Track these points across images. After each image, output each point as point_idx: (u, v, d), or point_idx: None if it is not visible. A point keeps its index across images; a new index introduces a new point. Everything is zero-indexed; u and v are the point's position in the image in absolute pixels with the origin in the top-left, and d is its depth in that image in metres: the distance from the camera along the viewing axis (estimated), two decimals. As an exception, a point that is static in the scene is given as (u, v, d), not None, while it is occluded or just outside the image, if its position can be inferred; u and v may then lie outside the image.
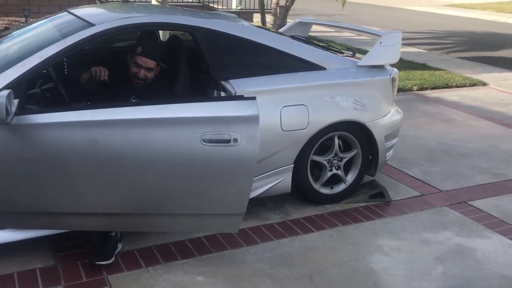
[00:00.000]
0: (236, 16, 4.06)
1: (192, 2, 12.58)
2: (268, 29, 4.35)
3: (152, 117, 2.57)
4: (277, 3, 10.96)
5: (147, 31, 3.46)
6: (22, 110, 2.53)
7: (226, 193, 2.71)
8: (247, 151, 2.61)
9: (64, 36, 2.82)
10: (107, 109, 2.60)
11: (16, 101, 2.48)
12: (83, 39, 2.78)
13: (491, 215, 3.56)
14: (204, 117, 2.62)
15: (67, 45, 2.73)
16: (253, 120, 2.62)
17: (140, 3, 10.48)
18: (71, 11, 3.35)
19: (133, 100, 3.15)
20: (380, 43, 3.68)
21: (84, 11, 3.32)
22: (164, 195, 2.68)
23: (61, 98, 3.15)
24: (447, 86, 7.41)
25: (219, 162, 2.61)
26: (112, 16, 3.20)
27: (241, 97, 2.74)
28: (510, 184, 4.11)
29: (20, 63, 2.62)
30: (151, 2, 8.09)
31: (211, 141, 2.57)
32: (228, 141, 2.59)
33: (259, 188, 3.32)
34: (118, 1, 10.66)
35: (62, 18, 3.30)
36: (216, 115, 2.63)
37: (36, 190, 2.59)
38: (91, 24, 2.88)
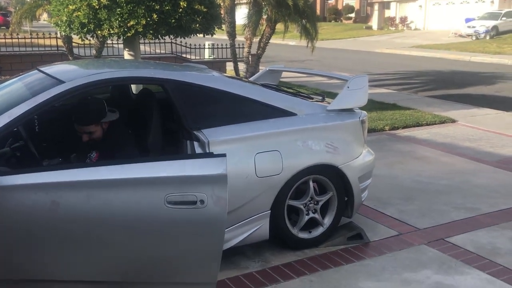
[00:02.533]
0: (207, 67, 4.14)
1: (165, 53, 12.78)
2: (238, 78, 4.44)
3: (113, 178, 2.45)
4: (249, 52, 11.25)
5: (81, 96, 3.41)
6: None
7: (195, 260, 2.55)
8: (214, 214, 2.46)
9: (34, 94, 2.82)
10: (67, 170, 2.51)
11: None
12: (53, 96, 2.79)
13: (468, 250, 3.59)
14: (168, 177, 2.47)
15: (37, 103, 2.73)
16: (221, 179, 2.49)
17: (112, 58, 10.62)
18: (41, 69, 3.37)
19: (92, 154, 3.16)
20: (348, 87, 3.79)
21: (54, 69, 3.34)
22: (129, 262, 2.52)
23: (32, 156, 3.12)
24: (418, 125, 7.60)
25: (185, 226, 2.46)
26: (82, 72, 3.24)
27: (210, 155, 2.63)
28: (484, 219, 4.17)
29: (-12, 123, 2.60)
30: (124, 56, 8.19)
31: (176, 203, 2.44)
32: (194, 202, 2.45)
33: (237, 237, 3.29)
34: (91, 57, 10.78)
35: (32, 76, 3.31)
36: (181, 174, 2.48)
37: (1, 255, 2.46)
38: (61, 82, 2.90)
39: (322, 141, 3.53)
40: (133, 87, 4.60)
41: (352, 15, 41.88)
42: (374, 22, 37.82)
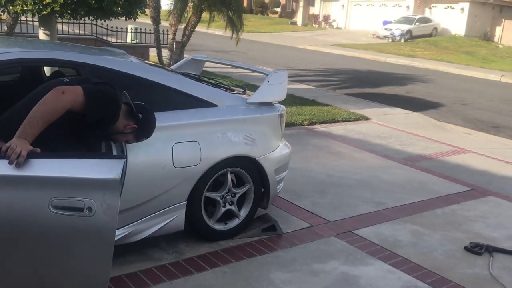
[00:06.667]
0: (125, 52, 4.01)
1: (85, 35, 12.22)
2: (158, 66, 4.35)
3: None
4: (173, 39, 11.06)
5: None
6: None
7: (81, 275, 2.31)
8: (103, 224, 2.21)
9: None
10: None
11: None
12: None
13: (373, 242, 3.81)
14: (55, 177, 2.20)
15: None
16: (112, 185, 2.22)
17: (26, 37, 9.97)
18: None
19: None
20: (268, 81, 3.85)
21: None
22: (14, 270, 2.27)
23: None
24: (334, 121, 7.90)
25: (70, 236, 2.21)
26: (-12, 51, 3.00)
27: (107, 155, 2.39)
28: (388, 213, 4.44)
29: None
30: (39, 35, 7.71)
31: (62, 208, 2.18)
32: (81, 209, 2.20)
33: (151, 228, 3.24)
34: (1, 34, 10.03)
35: None
36: (69, 175, 2.21)
37: None
38: (-38, 59, 2.68)
39: (241, 133, 3.57)
40: (46, 69, 4.34)
41: (278, 9, 42.47)
42: (299, 18, 38.59)
